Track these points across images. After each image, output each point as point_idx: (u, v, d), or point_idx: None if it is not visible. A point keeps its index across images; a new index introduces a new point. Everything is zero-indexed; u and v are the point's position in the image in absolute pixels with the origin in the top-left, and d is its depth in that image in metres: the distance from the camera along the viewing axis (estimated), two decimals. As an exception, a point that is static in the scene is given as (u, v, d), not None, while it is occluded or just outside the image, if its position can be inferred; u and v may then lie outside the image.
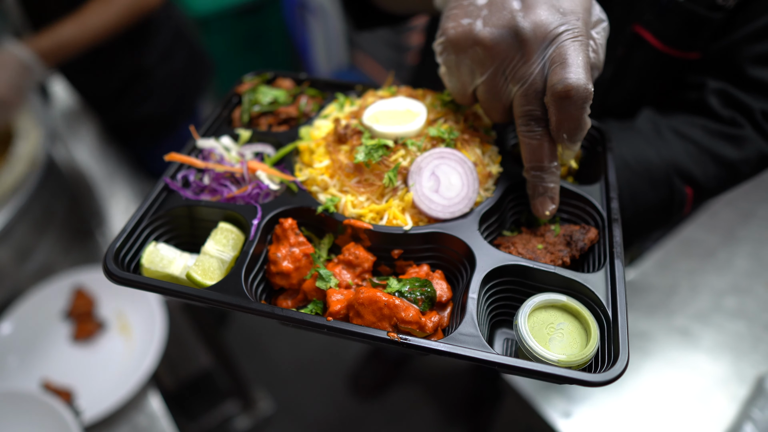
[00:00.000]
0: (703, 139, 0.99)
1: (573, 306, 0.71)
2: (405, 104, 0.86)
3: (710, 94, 1.00)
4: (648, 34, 1.01)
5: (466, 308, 0.69)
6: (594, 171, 0.88)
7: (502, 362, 0.63)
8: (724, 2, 0.95)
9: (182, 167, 0.85)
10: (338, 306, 0.70)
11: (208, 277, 0.74)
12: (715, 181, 1.00)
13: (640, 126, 1.02)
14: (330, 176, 0.81)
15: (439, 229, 0.76)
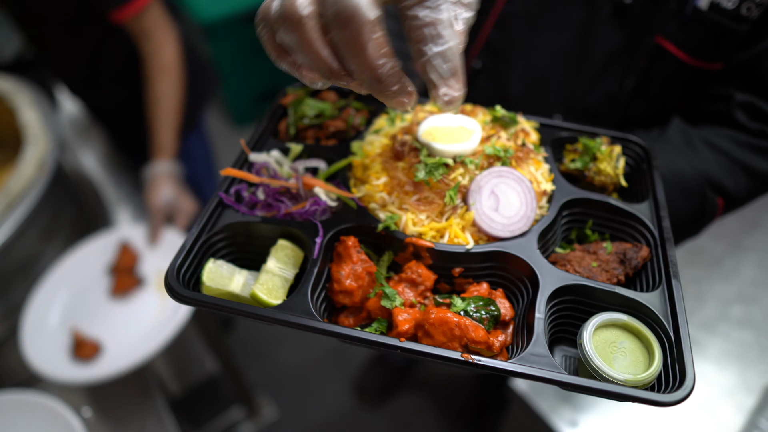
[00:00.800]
0: (734, 151, 1.01)
1: (634, 325, 0.72)
2: (457, 120, 0.87)
3: (737, 108, 1.03)
4: (671, 45, 1.03)
5: (534, 328, 0.70)
6: (639, 188, 0.90)
7: (576, 383, 0.64)
8: (748, 13, 0.96)
9: (234, 181, 0.85)
10: (406, 326, 0.71)
11: (273, 296, 0.74)
12: (746, 192, 1.03)
13: (671, 136, 1.04)
14: (388, 193, 0.81)
15: (500, 247, 0.77)
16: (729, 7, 0.96)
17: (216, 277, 0.76)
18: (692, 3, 0.98)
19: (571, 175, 0.90)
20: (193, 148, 2.22)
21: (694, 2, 0.98)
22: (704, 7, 0.97)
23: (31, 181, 1.48)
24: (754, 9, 0.96)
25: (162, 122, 1.77)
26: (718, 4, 0.96)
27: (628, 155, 0.94)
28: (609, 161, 0.87)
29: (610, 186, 0.88)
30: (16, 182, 1.45)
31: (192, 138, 2.19)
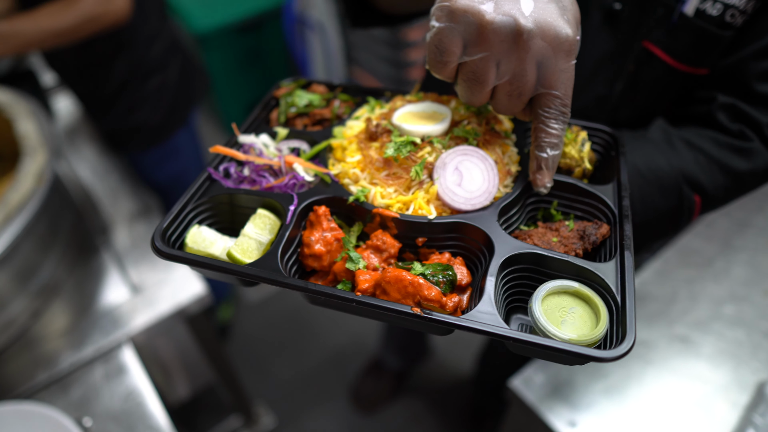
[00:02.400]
0: (713, 150, 1.04)
1: (584, 292, 0.76)
2: (431, 107, 0.93)
3: (719, 109, 1.06)
4: (658, 50, 1.07)
5: (485, 290, 0.74)
6: (607, 173, 0.94)
7: (517, 337, 0.68)
8: (732, 20, 1.00)
9: (224, 159, 0.93)
10: (366, 285, 0.76)
11: (247, 256, 0.80)
12: (723, 190, 1.05)
13: (652, 135, 1.07)
14: (361, 170, 0.88)
15: (461, 219, 0.82)
16: (714, 14, 1.00)
17: (198, 240, 0.83)
18: (679, 9, 1.02)
19: (540, 160, 0.95)
20: (182, 144, 2.32)
21: (680, 9, 1.02)
22: (690, 13, 1.01)
23: (29, 193, 1.52)
24: (738, 16, 1.00)
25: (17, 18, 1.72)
26: (703, 11, 1.01)
27: (599, 144, 0.98)
28: (574, 145, 0.91)
29: (575, 168, 0.92)
30: (15, 194, 1.49)
31: (182, 134, 2.29)
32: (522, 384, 1.37)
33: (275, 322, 3.18)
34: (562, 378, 1.37)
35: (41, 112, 1.81)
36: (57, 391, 1.46)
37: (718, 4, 0.99)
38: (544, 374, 1.38)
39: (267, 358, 3.01)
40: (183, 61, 2.19)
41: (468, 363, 2.86)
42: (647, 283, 1.58)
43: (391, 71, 3.47)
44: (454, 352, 2.96)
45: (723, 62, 1.06)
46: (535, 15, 0.72)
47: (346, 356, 2.98)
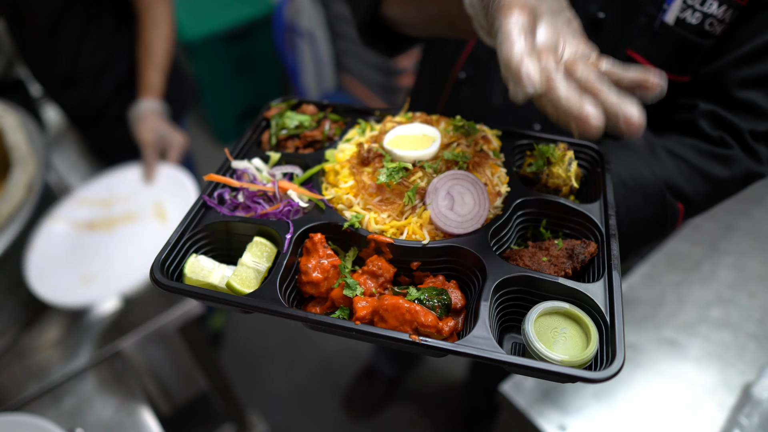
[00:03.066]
0: (694, 159, 1.07)
1: (575, 312, 0.79)
2: (421, 129, 0.95)
3: (700, 116, 1.09)
4: (641, 57, 1.10)
5: (479, 314, 0.77)
6: (593, 190, 0.96)
7: (512, 361, 0.71)
8: (711, 29, 1.03)
9: (218, 186, 0.94)
10: (364, 312, 0.78)
11: (246, 285, 0.82)
12: (705, 196, 1.08)
13: (635, 145, 1.10)
14: (354, 195, 0.89)
15: (454, 243, 0.84)
16: (694, 23, 1.03)
17: (197, 270, 0.84)
18: (660, 18, 1.05)
19: (528, 179, 0.97)
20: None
21: (661, 18, 1.04)
22: (671, 22, 1.04)
23: (20, 203, 1.53)
24: (717, 25, 1.03)
25: (151, 64, 1.83)
26: (683, 19, 1.03)
27: (585, 159, 1.01)
28: (561, 165, 0.94)
29: (563, 188, 0.95)
30: (5, 205, 1.50)
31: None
32: (512, 389, 1.39)
33: (267, 329, 3.19)
34: (552, 383, 1.40)
35: (31, 122, 1.81)
36: (49, 401, 1.46)
37: (698, 14, 1.02)
38: (534, 379, 1.41)
39: (260, 365, 3.02)
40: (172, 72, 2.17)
41: (460, 368, 2.88)
42: (635, 287, 1.62)
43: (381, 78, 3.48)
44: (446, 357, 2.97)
45: (704, 70, 1.09)
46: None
47: (338, 363, 3.00)
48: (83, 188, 1.70)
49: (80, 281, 1.49)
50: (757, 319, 1.52)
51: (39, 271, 1.50)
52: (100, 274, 1.50)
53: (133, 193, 1.69)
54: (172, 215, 1.61)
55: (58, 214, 1.63)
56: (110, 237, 1.60)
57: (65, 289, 1.46)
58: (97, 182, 1.71)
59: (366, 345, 3.01)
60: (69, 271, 1.51)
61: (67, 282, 1.48)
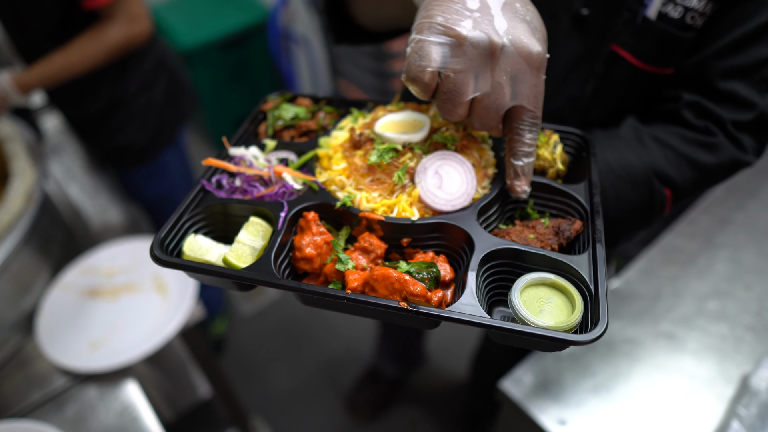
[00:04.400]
0: (680, 146, 1.10)
1: (560, 282, 0.81)
2: (411, 116, 0.99)
3: (684, 107, 1.12)
4: (625, 52, 1.13)
5: (467, 284, 0.79)
6: (579, 173, 0.99)
7: (499, 325, 0.73)
8: (692, 22, 1.06)
9: (216, 171, 0.97)
10: (355, 283, 0.81)
11: (242, 261, 0.85)
12: (692, 183, 1.11)
13: (623, 133, 1.13)
14: (347, 177, 0.93)
15: (443, 219, 0.87)
16: (675, 17, 1.06)
17: (195, 248, 0.88)
18: (642, 13, 1.08)
19: (515, 162, 1.00)
20: (170, 162, 2.34)
21: (644, 13, 1.08)
22: (653, 17, 1.08)
23: (19, 213, 1.56)
24: (698, 18, 1.06)
25: (46, 64, 1.81)
26: (665, 14, 1.07)
27: (571, 146, 1.04)
28: (546, 147, 0.97)
29: (549, 169, 0.98)
30: (5, 214, 1.52)
31: (170, 153, 2.31)
32: (512, 384, 1.40)
33: (269, 334, 3.20)
34: (551, 377, 1.40)
35: (29, 132, 1.85)
36: (52, 408, 1.47)
37: (679, 7, 1.05)
38: (533, 374, 1.41)
39: (262, 370, 3.03)
40: (169, 80, 2.21)
41: (462, 368, 2.89)
42: (632, 281, 1.63)
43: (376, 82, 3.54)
44: (448, 358, 2.98)
45: (687, 62, 1.12)
46: (510, 33, 0.78)
47: (341, 365, 3.00)
48: (87, 257, 1.77)
49: (88, 347, 1.54)
50: (753, 311, 1.53)
51: (49, 336, 1.55)
52: (107, 340, 1.56)
53: (134, 265, 1.76)
54: (173, 289, 1.68)
55: (63, 282, 1.69)
56: (115, 305, 1.67)
57: (75, 354, 1.52)
58: (99, 252, 1.78)
59: (368, 347, 3.01)
60: (77, 336, 1.57)
61: (76, 347, 1.54)
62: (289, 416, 2.81)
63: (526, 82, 0.81)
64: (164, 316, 1.60)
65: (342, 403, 2.85)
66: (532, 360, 1.45)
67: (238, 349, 3.13)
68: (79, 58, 1.83)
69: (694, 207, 1.84)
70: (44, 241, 1.71)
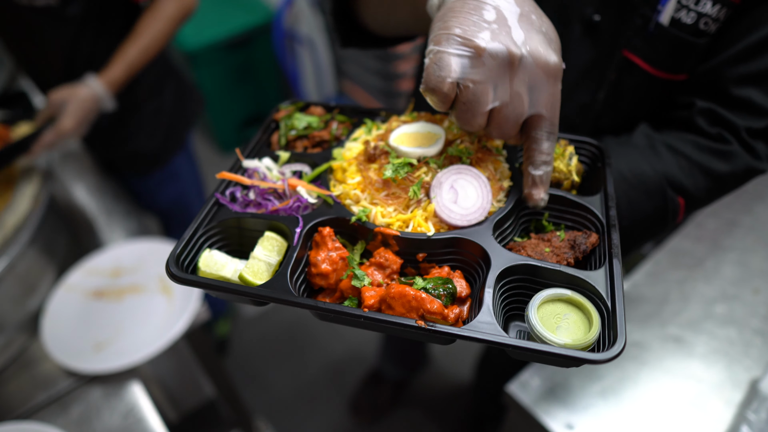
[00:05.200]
0: (694, 154, 1.09)
1: (577, 299, 0.81)
2: (426, 128, 0.98)
3: (698, 114, 1.11)
4: (637, 58, 1.12)
5: (483, 301, 0.79)
6: (594, 184, 0.99)
7: (516, 344, 0.73)
8: (706, 27, 1.05)
9: (230, 184, 0.97)
10: (372, 300, 0.81)
11: (258, 277, 0.85)
12: (705, 191, 1.10)
13: (635, 141, 1.12)
14: (361, 191, 0.92)
15: (458, 234, 0.87)
16: (689, 23, 1.05)
17: (210, 264, 0.88)
18: (655, 19, 1.07)
19: (530, 174, 1.00)
20: (181, 168, 2.32)
21: (656, 19, 1.07)
22: (666, 23, 1.07)
23: (25, 215, 1.56)
24: (711, 23, 1.05)
25: (124, 56, 1.79)
26: (678, 19, 1.06)
27: (586, 155, 1.04)
28: (562, 159, 0.96)
29: (564, 182, 0.98)
30: (12, 216, 1.53)
31: (180, 158, 2.30)
32: (519, 388, 1.40)
33: (273, 335, 3.21)
34: (559, 381, 1.40)
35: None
36: (57, 410, 1.48)
37: (692, 13, 1.04)
38: (540, 378, 1.41)
39: (266, 371, 3.04)
40: (177, 84, 2.19)
41: (466, 371, 2.89)
42: (639, 285, 1.62)
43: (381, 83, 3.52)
44: (452, 360, 2.99)
45: (700, 68, 1.11)
46: (527, 44, 0.78)
47: (344, 367, 3.01)
48: (92, 258, 1.77)
49: (93, 348, 1.55)
50: (762, 315, 1.52)
51: (54, 337, 1.56)
52: (112, 342, 1.57)
53: (140, 266, 1.76)
54: (178, 290, 1.68)
55: (69, 283, 1.70)
56: (119, 306, 1.67)
57: (80, 355, 1.52)
58: (104, 253, 1.78)
59: (372, 349, 3.02)
60: (82, 337, 1.58)
61: (81, 348, 1.54)
62: (293, 418, 2.82)
63: (544, 92, 0.81)
64: (169, 317, 1.60)
65: (345, 404, 2.86)
66: (539, 364, 1.45)
67: (242, 351, 3.14)
68: (149, 39, 1.82)
69: (701, 210, 1.83)
70: (50, 242, 1.72)
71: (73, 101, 1.69)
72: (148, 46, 1.82)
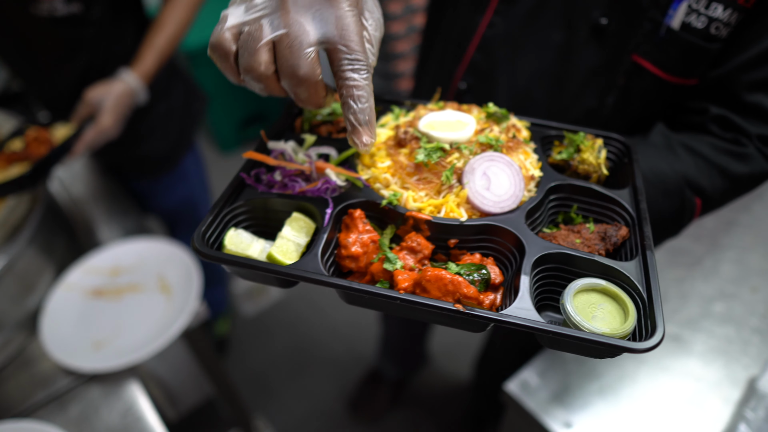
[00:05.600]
0: (712, 155, 1.09)
1: (612, 289, 0.80)
2: (455, 116, 0.97)
3: (711, 120, 1.11)
4: (648, 63, 1.12)
5: (519, 288, 0.78)
6: (621, 179, 0.99)
7: (557, 330, 0.72)
8: (717, 32, 1.05)
9: (255, 165, 0.95)
10: (406, 283, 0.79)
11: (287, 257, 0.83)
12: (721, 192, 1.11)
13: (653, 140, 1.13)
14: (392, 175, 0.91)
15: (492, 221, 0.86)
16: (699, 27, 1.05)
17: (236, 242, 0.85)
18: (665, 24, 1.07)
19: (558, 166, 1.00)
20: (189, 168, 2.28)
21: (667, 23, 1.07)
22: (676, 27, 1.07)
23: (25, 214, 1.54)
24: (722, 28, 1.05)
25: (153, 45, 1.77)
26: (689, 24, 1.06)
27: (611, 151, 1.04)
28: (591, 152, 0.96)
29: (593, 174, 0.97)
30: (10, 214, 1.50)
31: (188, 158, 2.26)
32: (517, 387, 1.39)
33: (272, 335, 3.18)
34: (557, 379, 1.40)
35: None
36: (55, 408, 1.45)
37: (703, 17, 1.04)
38: (538, 376, 1.40)
39: (265, 371, 3.01)
40: (184, 84, 2.15)
41: (465, 370, 2.89)
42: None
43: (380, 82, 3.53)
44: (451, 360, 2.98)
45: (713, 74, 1.11)
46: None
47: (343, 366, 2.99)
48: (91, 257, 1.74)
49: (92, 347, 1.52)
50: (760, 314, 1.53)
51: (53, 336, 1.52)
52: (111, 340, 1.54)
53: (139, 265, 1.74)
54: (177, 289, 1.65)
55: (68, 282, 1.67)
56: (119, 305, 1.64)
57: (79, 354, 1.49)
58: (103, 252, 1.76)
59: (371, 348, 3.00)
60: (81, 336, 1.55)
61: (80, 347, 1.51)
62: (292, 416, 2.79)
63: (329, 17, 0.72)
64: (168, 316, 1.57)
65: (344, 404, 2.84)
66: (538, 362, 1.44)
67: (241, 350, 3.10)
68: (174, 27, 1.80)
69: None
70: (48, 240, 1.68)
71: (110, 97, 1.66)
72: (173, 33, 1.80)
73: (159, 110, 2.04)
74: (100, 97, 1.65)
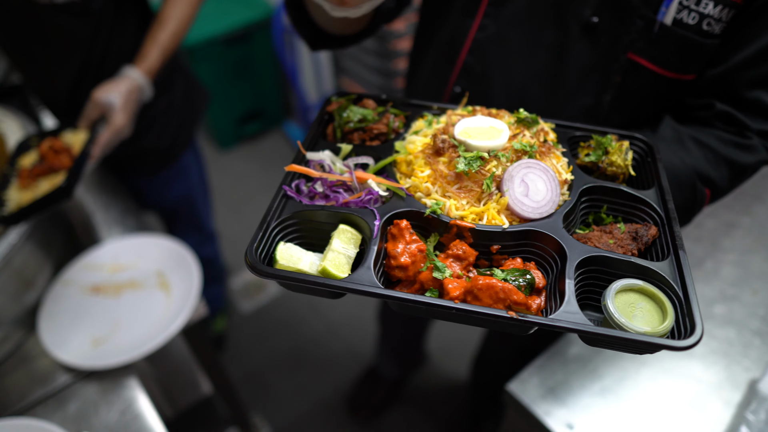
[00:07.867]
0: (720, 147, 1.12)
1: (649, 288, 0.85)
2: (487, 122, 1.00)
3: (715, 117, 1.15)
4: (643, 60, 1.13)
5: (565, 292, 0.82)
6: (645, 178, 1.03)
7: (611, 334, 0.77)
8: (709, 28, 1.06)
9: (295, 177, 0.97)
10: (457, 292, 0.82)
11: (340, 270, 0.85)
12: (728, 182, 1.15)
13: (663, 134, 1.16)
14: (432, 183, 0.94)
15: (533, 227, 0.90)
16: (691, 23, 1.06)
17: (287, 257, 0.87)
18: (658, 20, 1.08)
19: (586, 168, 1.03)
20: (189, 165, 2.26)
21: (659, 20, 1.07)
22: (669, 22, 1.07)
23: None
24: (715, 24, 1.06)
25: (157, 41, 1.76)
26: (681, 19, 1.06)
27: (635, 150, 1.08)
28: (619, 154, 1.00)
29: (620, 176, 1.02)
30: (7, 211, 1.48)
31: (188, 155, 2.24)
32: (519, 387, 1.38)
33: (270, 332, 3.16)
34: (559, 380, 1.39)
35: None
36: (53, 406, 1.45)
37: (694, 14, 1.06)
38: (540, 377, 1.40)
39: (263, 368, 3.00)
40: (185, 80, 2.11)
41: (463, 369, 2.89)
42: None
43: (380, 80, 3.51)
44: (448, 359, 2.99)
45: (713, 71, 1.13)
46: None
47: (341, 365, 2.99)
48: (90, 254, 1.72)
49: (91, 344, 1.51)
50: (761, 316, 1.53)
51: (51, 333, 1.52)
52: (110, 338, 1.53)
53: (138, 261, 1.72)
54: (176, 286, 1.64)
55: (66, 278, 1.65)
56: (117, 302, 1.63)
57: (77, 351, 1.49)
58: (102, 248, 1.74)
59: (369, 346, 3.01)
60: (79, 333, 1.54)
61: (78, 344, 1.51)
62: (289, 415, 2.79)
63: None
64: (167, 313, 1.57)
65: (342, 402, 2.84)
66: (539, 362, 1.43)
67: (238, 347, 3.09)
68: (177, 23, 1.77)
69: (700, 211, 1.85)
70: (47, 236, 1.67)
71: (119, 96, 1.63)
72: (176, 29, 1.78)
73: (160, 105, 2.01)
74: (108, 96, 1.62)
